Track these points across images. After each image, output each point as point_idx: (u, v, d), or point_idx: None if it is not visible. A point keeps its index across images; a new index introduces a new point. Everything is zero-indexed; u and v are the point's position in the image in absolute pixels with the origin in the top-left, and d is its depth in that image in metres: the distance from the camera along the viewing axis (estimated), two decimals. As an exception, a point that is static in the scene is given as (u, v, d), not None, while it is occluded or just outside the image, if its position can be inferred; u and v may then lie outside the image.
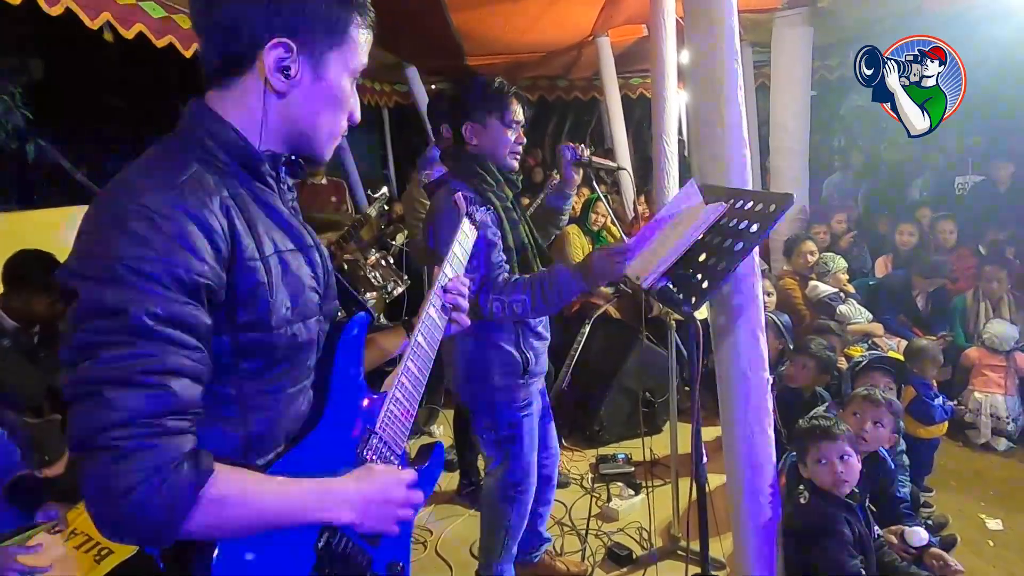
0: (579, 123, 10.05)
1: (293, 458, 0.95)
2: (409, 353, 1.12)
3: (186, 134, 0.91)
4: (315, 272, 0.99)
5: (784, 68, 4.74)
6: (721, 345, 1.75)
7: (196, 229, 0.81)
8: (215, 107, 0.92)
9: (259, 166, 0.94)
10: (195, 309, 0.80)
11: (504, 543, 2.18)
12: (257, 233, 0.89)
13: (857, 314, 3.86)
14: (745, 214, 1.58)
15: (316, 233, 1.04)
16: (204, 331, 0.82)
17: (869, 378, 2.59)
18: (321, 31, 0.91)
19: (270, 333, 0.90)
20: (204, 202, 0.83)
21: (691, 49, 1.78)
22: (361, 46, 0.97)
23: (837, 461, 1.92)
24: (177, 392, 0.78)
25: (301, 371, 0.99)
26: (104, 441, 0.74)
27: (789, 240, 4.22)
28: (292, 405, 0.98)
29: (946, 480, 3.07)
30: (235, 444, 0.91)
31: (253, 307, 0.88)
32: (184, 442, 0.79)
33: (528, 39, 5.68)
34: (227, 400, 0.90)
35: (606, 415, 3.59)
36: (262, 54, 0.88)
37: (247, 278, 0.87)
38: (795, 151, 4.81)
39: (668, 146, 3.45)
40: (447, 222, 1.89)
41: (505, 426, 2.05)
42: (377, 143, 9.32)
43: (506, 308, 1.84)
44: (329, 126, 0.97)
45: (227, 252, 0.84)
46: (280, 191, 0.99)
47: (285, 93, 0.92)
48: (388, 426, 1.07)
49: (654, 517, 2.68)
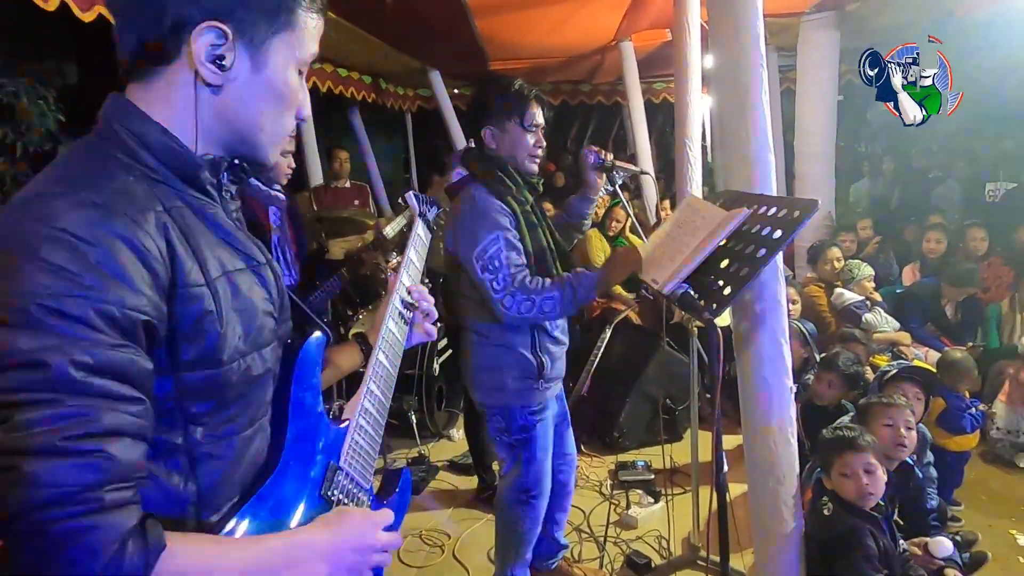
0: (602, 128, 10.03)
1: (251, 510, 0.82)
2: (370, 374, 0.99)
3: (105, 136, 0.77)
4: (269, 293, 0.86)
5: (810, 73, 4.68)
6: (743, 352, 1.73)
7: (129, 253, 0.68)
8: (138, 103, 0.78)
9: (196, 173, 0.80)
10: (132, 352, 0.67)
11: (517, 548, 2.18)
12: (200, 253, 0.76)
13: (883, 323, 3.79)
14: (768, 220, 1.57)
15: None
16: (144, 377, 0.69)
17: (898, 388, 2.54)
18: (261, 14, 0.78)
19: (220, 369, 0.77)
20: (136, 220, 0.70)
21: (716, 54, 1.76)
22: (310, 32, 0.84)
23: (862, 473, 1.88)
24: (116, 456, 0.64)
25: (257, 409, 0.86)
26: (27, 525, 0.60)
27: (814, 247, 4.16)
28: (248, 448, 0.84)
29: (976, 495, 3.00)
30: (183, 501, 0.77)
31: (200, 341, 0.75)
32: (127, 516, 0.65)
33: (551, 43, 5.69)
34: (172, 451, 0.76)
35: (626, 421, 3.56)
36: (190, 40, 0.75)
37: (191, 308, 0.74)
38: (821, 156, 4.75)
39: (691, 151, 3.41)
40: (467, 225, 1.90)
41: (518, 430, 2.04)
42: (399, 147, 9.41)
43: (536, 307, 1.84)
44: (273, 125, 0.84)
45: (166, 279, 0.71)
46: (222, 201, 0.85)
47: (220, 87, 0.78)
48: (353, 459, 0.95)
49: (674, 526, 2.65)
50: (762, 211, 1.60)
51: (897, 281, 4.50)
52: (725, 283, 1.56)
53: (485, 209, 1.89)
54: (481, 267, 1.85)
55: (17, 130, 3.98)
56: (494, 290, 1.84)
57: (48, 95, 4.05)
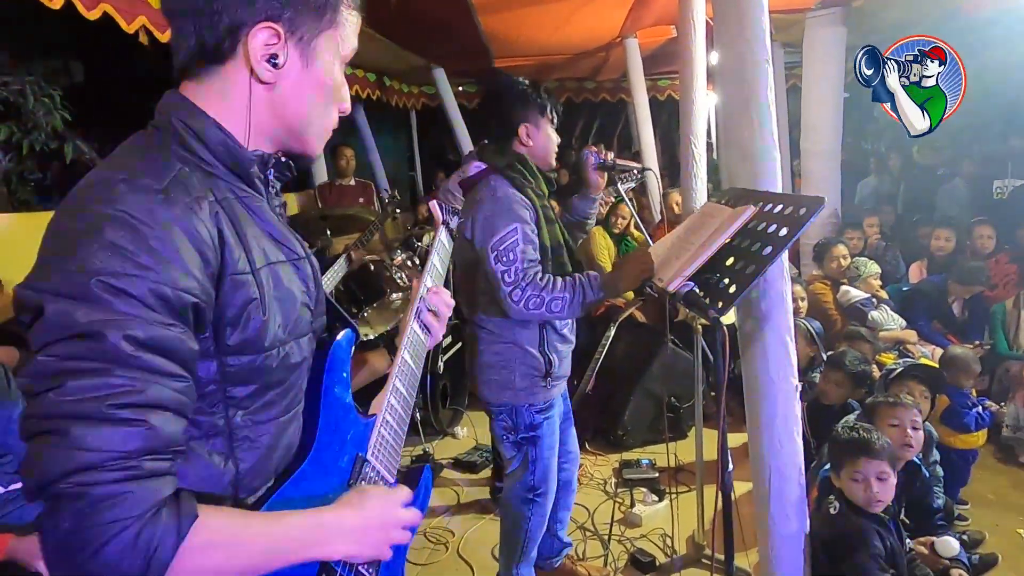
0: (606, 126, 10.00)
1: (284, 495, 0.86)
2: (396, 372, 1.03)
3: (164, 129, 0.81)
4: (307, 286, 0.90)
5: (816, 69, 4.65)
6: (748, 351, 1.72)
7: (183, 238, 0.71)
8: (194, 99, 0.82)
9: (248, 168, 0.84)
10: (181, 332, 0.71)
11: (524, 546, 2.17)
12: (247, 243, 0.80)
13: (890, 320, 3.77)
14: (774, 217, 1.56)
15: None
16: (189, 357, 0.73)
17: (904, 386, 2.52)
18: (309, 13, 0.82)
19: (262, 355, 0.81)
20: (192, 208, 0.74)
21: (721, 50, 1.75)
22: (351, 28, 0.88)
23: (874, 481, 1.83)
24: (157, 428, 0.68)
25: (293, 396, 0.90)
26: (68, 487, 0.63)
27: (820, 244, 4.14)
28: (284, 435, 0.88)
29: (983, 494, 2.98)
30: (223, 481, 0.81)
31: (244, 327, 0.78)
32: (163, 485, 0.68)
33: (556, 41, 5.67)
34: (214, 432, 0.80)
35: (630, 419, 3.56)
36: (246, 40, 0.79)
37: (237, 294, 0.77)
38: (827, 154, 4.72)
39: (696, 148, 3.40)
40: (487, 214, 1.90)
41: (525, 428, 2.04)
42: (404, 145, 9.41)
43: (544, 305, 1.84)
44: (321, 119, 0.88)
45: (216, 265, 0.75)
46: (268, 196, 0.89)
47: (273, 84, 0.82)
48: (380, 452, 0.99)
49: (678, 524, 2.64)
50: (768, 208, 1.59)
51: (904, 279, 4.48)
52: (731, 281, 1.55)
53: (506, 200, 1.91)
54: (495, 257, 1.86)
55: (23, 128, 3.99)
56: (504, 282, 1.85)
57: (54, 93, 4.07)
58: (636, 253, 1.91)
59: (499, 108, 2.04)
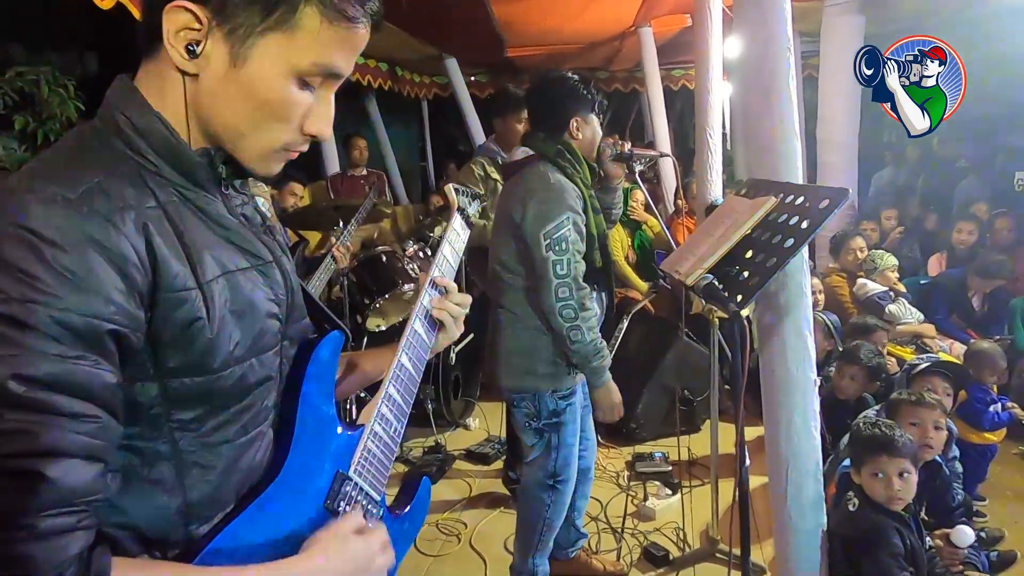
0: (619, 116, 9.94)
1: (245, 521, 0.75)
2: (391, 377, 0.92)
3: (105, 121, 0.71)
4: (275, 293, 0.80)
5: (833, 59, 4.58)
6: (767, 344, 1.70)
7: (98, 257, 0.61)
8: (140, 87, 0.72)
9: (191, 167, 0.73)
10: (91, 365, 0.61)
11: (541, 535, 2.17)
12: (194, 253, 0.70)
13: (907, 314, 3.72)
14: (795, 209, 1.53)
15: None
16: (105, 392, 0.62)
17: (927, 382, 2.49)
18: (249, 4, 0.68)
19: (211, 376, 0.71)
20: (111, 220, 0.63)
21: (741, 38, 1.72)
22: (320, 39, 0.70)
23: (895, 479, 1.81)
24: (55, 480, 0.58)
25: (255, 415, 0.79)
26: None
27: (836, 236, 4.09)
28: (243, 456, 0.77)
29: (1001, 490, 2.94)
30: (170, 513, 0.72)
31: (186, 348, 0.69)
32: (68, 544, 0.59)
33: (569, 30, 5.63)
34: (158, 458, 0.70)
35: (643, 412, 3.54)
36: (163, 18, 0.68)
37: (176, 314, 0.67)
38: (844, 145, 4.67)
39: (711, 139, 3.38)
40: (539, 200, 1.92)
41: (548, 414, 2.05)
42: (415, 135, 9.39)
43: (573, 321, 1.91)
44: (255, 132, 0.73)
45: (145, 284, 0.65)
46: (224, 196, 0.79)
47: (196, 76, 0.70)
48: (365, 468, 0.88)
49: (692, 518, 2.63)
50: (788, 200, 1.57)
51: (922, 272, 4.42)
52: (751, 274, 1.53)
53: (559, 187, 1.94)
54: (547, 246, 1.88)
55: (38, 118, 4.01)
56: (556, 274, 1.88)
57: (69, 83, 4.07)
58: (611, 395, 2.07)
59: (551, 100, 2.07)
